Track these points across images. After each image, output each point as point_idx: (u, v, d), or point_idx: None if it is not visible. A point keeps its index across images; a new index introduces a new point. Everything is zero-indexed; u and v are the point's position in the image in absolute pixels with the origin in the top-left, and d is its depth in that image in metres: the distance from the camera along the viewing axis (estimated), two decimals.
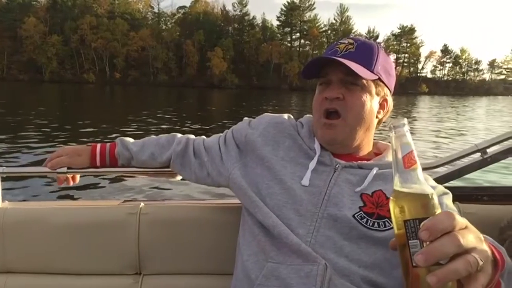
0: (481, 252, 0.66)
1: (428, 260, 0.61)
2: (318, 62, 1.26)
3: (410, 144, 0.71)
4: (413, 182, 0.68)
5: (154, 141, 1.54)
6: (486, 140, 1.76)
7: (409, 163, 0.69)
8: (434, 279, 0.60)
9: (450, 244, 0.62)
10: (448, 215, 0.65)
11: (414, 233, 0.64)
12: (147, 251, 1.53)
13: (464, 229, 0.66)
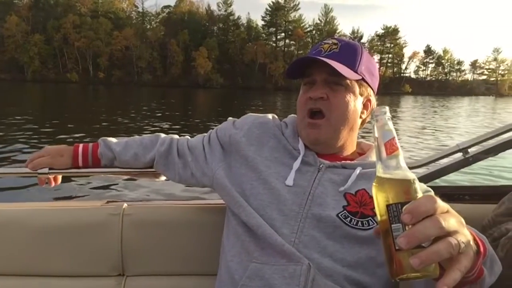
0: (462, 235, 0.67)
1: (411, 243, 0.62)
2: (302, 62, 1.26)
3: (392, 131, 0.72)
4: (395, 168, 0.69)
5: (138, 141, 1.52)
6: (468, 140, 1.77)
7: (390, 149, 0.70)
8: (416, 261, 0.61)
9: (432, 227, 0.62)
10: (430, 198, 0.66)
11: (397, 217, 0.65)
12: (130, 252, 1.52)
13: (445, 213, 0.66)
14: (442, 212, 0.66)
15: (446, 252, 0.63)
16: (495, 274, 0.90)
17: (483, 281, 0.82)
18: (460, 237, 0.66)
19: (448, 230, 0.64)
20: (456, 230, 0.66)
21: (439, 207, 0.65)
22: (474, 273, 0.77)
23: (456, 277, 0.65)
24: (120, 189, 6.54)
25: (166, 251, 1.53)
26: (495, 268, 0.90)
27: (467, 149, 1.75)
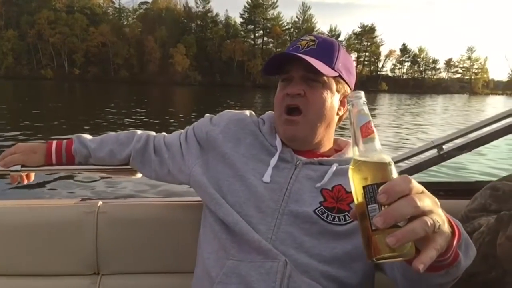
0: (437, 215, 0.68)
1: (387, 222, 0.62)
2: (279, 58, 1.26)
3: (367, 115, 0.72)
4: (371, 150, 0.70)
5: (113, 138, 1.50)
6: (442, 137, 1.81)
7: (366, 132, 0.71)
8: (393, 240, 0.61)
9: (407, 206, 0.63)
10: (405, 179, 0.66)
11: (373, 197, 0.66)
12: (106, 250, 1.49)
13: (420, 193, 0.67)
14: (417, 192, 0.66)
15: (422, 230, 0.63)
16: (470, 257, 0.91)
17: (459, 264, 0.82)
18: (435, 217, 0.66)
19: (424, 209, 0.65)
20: (431, 210, 0.66)
21: (414, 187, 0.66)
22: (450, 256, 0.78)
23: (432, 255, 0.66)
24: (95, 186, 6.46)
25: (142, 249, 1.51)
26: (469, 252, 0.91)
27: (442, 145, 1.78)
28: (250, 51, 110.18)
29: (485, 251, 1.16)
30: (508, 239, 1.09)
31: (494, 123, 1.80)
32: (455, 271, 0.84)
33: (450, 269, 0.82)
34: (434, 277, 0.84)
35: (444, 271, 0.82)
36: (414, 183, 0.66)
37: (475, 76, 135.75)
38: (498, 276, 1.14)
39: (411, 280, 0.94)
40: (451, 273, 0.83)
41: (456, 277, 0.88)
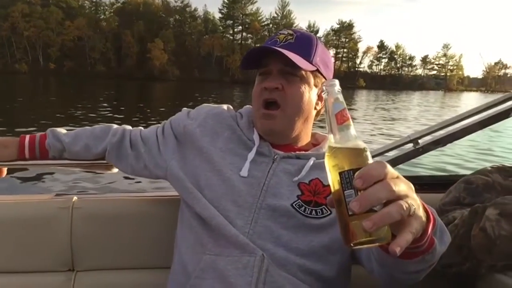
0: (413, 199, 0.68)
1: (363, 206, 0.63)
2: (258, 52, 1.26)
3: (342, 102, 0.73)
4: (346, 137, 0.71)
5: (88, 132, 1.47)
6: (418, 132, 1.84)
7: (341, 119, 0.71)
8: (369, 224, 0.62)
9: (383, 190, 0.64)
10: (380, 164, 0.67)
11: (349, 183, 0.66)
12: (81, 246, 1.47)
13: (396, 178, 0.68)
14: (392, 177, 0.67)
15: (397, 214, 0.64)
16: (445, 243, 0.92)
17: (434, 250, 0.84)
18: (411, 201, 0.67)
19: (399, 193, 0.65)
20: (406, 194, 0.67)
21: (389, 172, 0.66)
22: (426, 242, 0.79)
23: (408, 239, 0.67)
24: (70, 181, 6.36)
25: (118, 245, 1.49)
26: (444, 238, 0.92)
27: (417, 140, 1.81)
28: (229, 47, 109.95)
29: (460, 243, 1.19)
30: (482, 230, 1.12)
31: (468, 118, 1.84)
32: (431, 257, 0.84)
33: (426, 256, 0.83)
34: (410, 264, 0.85)
35: (420, 257, 0.83)
36: (389, 168, 0.67)
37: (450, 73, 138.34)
38: (472, 266, 1.17)
39: (388, 268, 0.95)
40: (427, 259, 0.84)
41: (432, 264, 0.89)
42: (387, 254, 0.81)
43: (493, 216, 1.13)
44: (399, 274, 0.93)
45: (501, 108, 1.78)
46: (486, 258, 1.13)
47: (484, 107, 1.82)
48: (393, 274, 0.97)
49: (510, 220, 1.08)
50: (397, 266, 0.89)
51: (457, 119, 1.85)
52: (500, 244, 1.09)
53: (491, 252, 1.12)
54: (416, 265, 0.86)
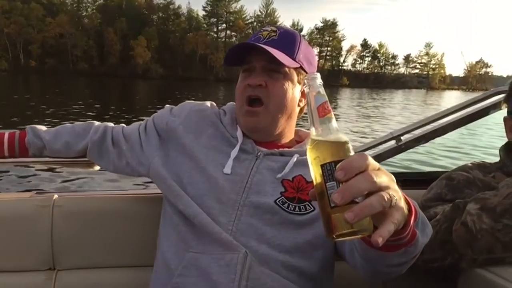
0: (394, 190, 0.69)
1: (345, 197, 0.63)
2: (241, 48, 1.26)
3: (324, 95, 0.73)
4: (328, 130, 0.71)
5: (69, 129, 1.45)
6: (400, 128, 1.86)
7: (323, 112, 0.72)
8: (351, 215, 0.62)
9: (364, 181, 0.64)
10: (362, 155, 0.67)
11: (331, 175, 0.66)
12: (62, 245, 1.45)
13: (377, 170, 0.68)
14: (374, 169, 0.67)
15: (379, 205, 0.64)
16: (427, 235, 0.93)
17: (417, 242, 0.84)
18: (392, 192, 0.67)
19: (380, 185, 0.66)
20: (387, 186, 0.67)
21: (370, 163, 0.67)
22: (408, 234, 0.79)
23: (390, 229, 0.67)
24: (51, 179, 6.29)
25: (100, 243, 1.47)
26: (426, 230, 0.93)
27: (400, 136, 1.83)
28: (213, 45, 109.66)
29: (442, 238, 1.20)
30: (463, 225, 1.13)
31: (449, 115, 1.86)
32: (413, 249, 0.85)
33: (409, 248, 0.83)
34: (393, 257, 0.86)
35: (403, 249, 0.83)
36: (370, 160, 0.67)
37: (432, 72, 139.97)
38: (454, 261, 1.19)
39: (371, 262, 0.95)
40: (410, 251, 0.85)
41: (414, 256, 0.90)
42: (370, 248, 0.83)
43: (474, 211, 1.14)
44: (383, 267, 0.94)
45: (481, 106, 1.81)
46: (467, 252, 1.15)
47: (464, 104, 1.85)
48: (376, 268, 0.97)
49: (491, 214, 1.09)
50: (380, 259, 0.89)
51: (439, 116, 1.87)
52: (481, 238, 1.10)
53: (473, 246, 1.13)
54: (400, 258, 0.87)
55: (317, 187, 0.69)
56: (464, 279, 1.21)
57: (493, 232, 1.09)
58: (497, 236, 1.09)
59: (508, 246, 1.09)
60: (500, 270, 1.11)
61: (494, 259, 1.13)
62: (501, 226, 1.08)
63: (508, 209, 1.08)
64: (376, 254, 0.86)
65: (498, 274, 1.09)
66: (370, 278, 1.08)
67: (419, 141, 1.86)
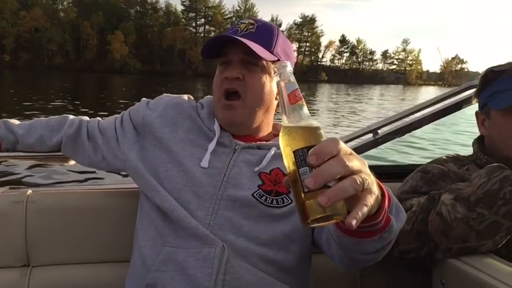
0: (366, 174, 0.69)
1: (317, 182, 0.63)
2: (218, 40, 1.24)
3: (294, 83, 0.74)
4: (299, 116, 0.71)
5: (43, 123, 1.42)
6: (377, 122, 1.87)
7: (294, 99, 0.72)
8: (324, 199, 0.62)
9: (336, 165, 0.64)
10: (333, 140, 0.67)
11: (303, 161, 0.67)
12: (36, 241, 1.43)
13: (349, 155, 0.68)
14: (345, 153, 0.67)
15: (352, 188, 0.65)
16: (401, 220, 0.94)
17: (391, 228, 0.85)
18: (364, 176, 0.68)
19: (352, 169, 0.66)
20: (360, 169, 0.68)
21: (342, 148, 0.67)
22: (382, 220, 0.81)
23: (363, 211, 0.67)
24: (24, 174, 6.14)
25: (75, 239, 1.45)
26: (400, 215, 0.94)
27: (377, 130, 1.85)
28: (192, 39, 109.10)
29: (418, 229, 1.22)
30: (438, 215, 1.16)
31: (424, 109, 1.89)
32: (388, 235, 0.86)
33: (383, 233, 0.84)
34: (369, 243, 0.87)
35: (378, 235, 0.84)
36: (342, 145, 0.67)
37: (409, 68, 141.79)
38: (430, 251, 1.21)
39: (348, 250, 0.96)
40: (384, 237, 0.86)
41: (389, 242, 0.91)
42: (346, 235, 0.85)
43: (448, 201, 1.16)
44: (359, 255, 0.95)
45: (454, 100, 1.85)
46: (442, 242, 1.17)
47: (438, 98, 1.88)
48: (353, 257, 0.98)
49: (465, 204, 1.12)
50: (357, 246, 0.89)
51: (415, 109, 1.90)
52: (456, 227, 1.13)
53: (448, 235, 1.15)
54: (375, 244, 0.88)
55: (290, 174, 0.70)
56: (438, 269, 1.23)
57: (467, 221, 1.11)
58: (471, 224, 1.11)
59: (482, 235, 1.11)
60: (472, 259, 1.13)
61: (469, 248, 1.15)
62: (475, 215, 1.11)
63: (482, 198, 1.11)
64: (352, 241, 0.87)
65: (470, 263, 1.12)
66: (347, 267, 1.08)
67: (396, 134, 1.88)
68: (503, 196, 1.08)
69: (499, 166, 1.14)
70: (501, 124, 1.38)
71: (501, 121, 1.38)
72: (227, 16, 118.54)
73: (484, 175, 1.14)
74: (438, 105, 1.89)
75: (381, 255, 0.97)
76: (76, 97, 22.12)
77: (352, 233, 0.84)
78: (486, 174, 1.14)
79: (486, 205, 1.10)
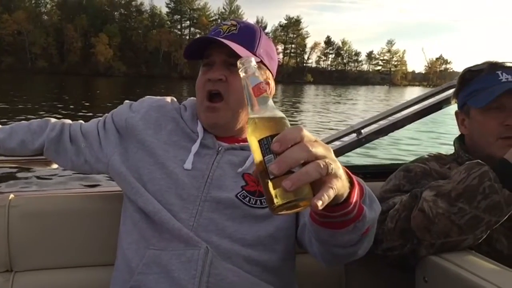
0: (331, 159, 0.69)
1: (281, 168, 0.63)
2: (201, 42, 1.25)
3: (258, 77, 0.76)
4: (264, 108, 0.73)
5: (25, 127, 1.40)
6: (360, 122, 1.89)
7: (258, 92, 0.74)
8: (288, 183, 0.62)
9: (300, 151, 0.65)
10: (297, 127, 0.68)
11: (268, 149, 0.67)
12: (19, 246, 1.41)
13: (314, 142, 0.68)
14: (309, 140, 0.68)
15: (315, 172, 0.65)
16: (375, 211, 0.96)
17: (364, 217, 0.87)
18: (329, 160, 0.68)
19: (316, 154, 0.66)
20: (324, 155, 0.68)
21: (306, 135, 0.67)
22: (354, 209, 0.82)
23: (329, 194, 0.67)
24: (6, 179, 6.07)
25: (59, 243, 1.44)
26: (374, 206, 0.96)
27: (360, 130, 1.86)
28: (177, 42, 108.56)
29: (402, 226, 1.23)
30: (420, 211, 1.18)
31: (407, 108, 1.91)
32: (362, 225, 0.87)
33: (357, 223, 0.85)
34: (344, 234, 0.87)
35: (352, 225, 0.85)
36: (306, 132, 0.68)
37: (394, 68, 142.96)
38: (413, 247, 1.22)
39: (326, 243, 0.96)
40: (358, 227, 0.87)
41: (367, 235, 0.93)
42: (321, 227, 0.87)
43: (429, 197, 1.18)
44: (338, 249, 0.95)
45: (435, 100, 1.87)
46: (426, 237, 1.19)
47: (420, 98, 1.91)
48: (332, 251, 0.98)
49: (446, 199, 1.15)
50: (332, 238, 0.90)
51: (398, 109, 1.92)
52: (438, 223, 1.15)
53: (430, 230, 1.17)
54: (350, 235, 0.88)
55: (257, 163, 0.70)
56: (421, 267, 1.24)
57: (448, 215, 1.14)
58: (452, 219, 1.13)
59: (463, 229, 1.14)
60: (454, 257, 1.16)
61: (451, 243, 1.17)
62: (456, 210, 1.13)
63: (462, 193, 1.13)
64: (327, 233, 0.88)
65: (452, 261, 1.14)
66: (330, 263, 1.09)
67: (380, 133, 1.90)
68: (483, 191, 1.11)
69: (477, 162, 1.17)
70: (481, 122, 1.40)
71: (480, 119, 1.40)
72: (213, 18, 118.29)
73: (464, 171, 1.17)
74: (420, 104, 1.91)
75: (360, 248, 0.98)
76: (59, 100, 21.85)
77: (327, 224, 0.85)
78: (465, 170, 1.17)
79: (466, 200, 1.12)
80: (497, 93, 1.33)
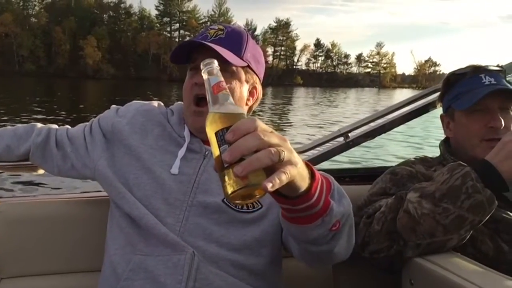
0: (286, 148, 0.70)
1: (233, 155, 0.65)
2: (187, 46, 1.25)
3: (219, 76, 0.79)
4: (223, 104, 0.74)
5: (10, 132, 1.39)
6: (348, 125, 1.89)
7: (218, 89, 0.76)
8: (239, 169, 0.64)
9: (252, 139, 0.66)
10: (251, 118, 0.70)
11: (223, 140, 0.69)
12: (5, 252, 1.40)
13: (269, 132, 0.70)
14: (263, 130, 0.69)
15: (266, 158, 0.66)
16: (344, 205, 0.96)
17: (331, 211, 0.88)
18: (282, 149, 0.69)
19: (269, 142, 0.67)
20: (278, 144, 0.69)
21: (260, 125, 0.69)
22: (319, 202, 0.83)
23: (281, 177, 0.68)
24: None
25: (46, 249, 1.43)
26: (343, 201, 0.97)
27: (348, 133, 1.87)
28: (166, 44, 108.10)
29: (388, 228, 1.25)
30: (406, 212, 1.20)
31: (394, 111, 1.92)
32: (329, 219, 0.88)
33: (324, 217, 0.87)
34: (313, 229, 0.89)
35: (319, 219, 0.86)
36: (260, 122, 0.69)
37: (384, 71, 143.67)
38: (399, 248, 1.23)
39: (300, 241, 0.98)
40: (326, 221, 0.88)
41: (333, 227, 0.92)
42: (290, 223, 0.88)
43: (414, 199, 1.20)
44: (312, 247, 0.97)
45: (422, 103, 1.88)
46: (411, 238, 1.20)
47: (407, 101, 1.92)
48: (308, 249, 0.99)
49: (430, 199, 1.16)
50: (303, 234, 0.92)
51: (385, 112, 1.93)
52: (423, 223, 1.16)
53: (416, 231, 1.19)
54: (319, 229, 0.89)
55: (215, 156, 0.71)
56: (407, 269, 1.25)
57: (433, 216, 1.15)
58: (437, 219, 1.14)
59: (448, 229, 1.15)
60: (440, 259, 1.17)
61: (436, 243, 1.19)
62: (440, 210, 1.14)
63: (446, 194, 1.15)
64: (298, 229, 0.90)
65: (438, 263, 1.15)
66: (310, 262, 1.11)
67: (367, 137, 1.91)
68: (466, 190, 1.12)
69: (459, 163, 1.19)
70: (465, 125, 1.42)
71: (465, 121, 1.42)
72: (202, 20, 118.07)
73: (446, 172, 1.19)
74: (408, 107, 1.92)
75: (335, 246, 0.98)
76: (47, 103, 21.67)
77: (295, 220, 0.87)
78: (448, 171, 1.18)
79: (450, 200, 1.14)
80: (480, 96, 1.35)
